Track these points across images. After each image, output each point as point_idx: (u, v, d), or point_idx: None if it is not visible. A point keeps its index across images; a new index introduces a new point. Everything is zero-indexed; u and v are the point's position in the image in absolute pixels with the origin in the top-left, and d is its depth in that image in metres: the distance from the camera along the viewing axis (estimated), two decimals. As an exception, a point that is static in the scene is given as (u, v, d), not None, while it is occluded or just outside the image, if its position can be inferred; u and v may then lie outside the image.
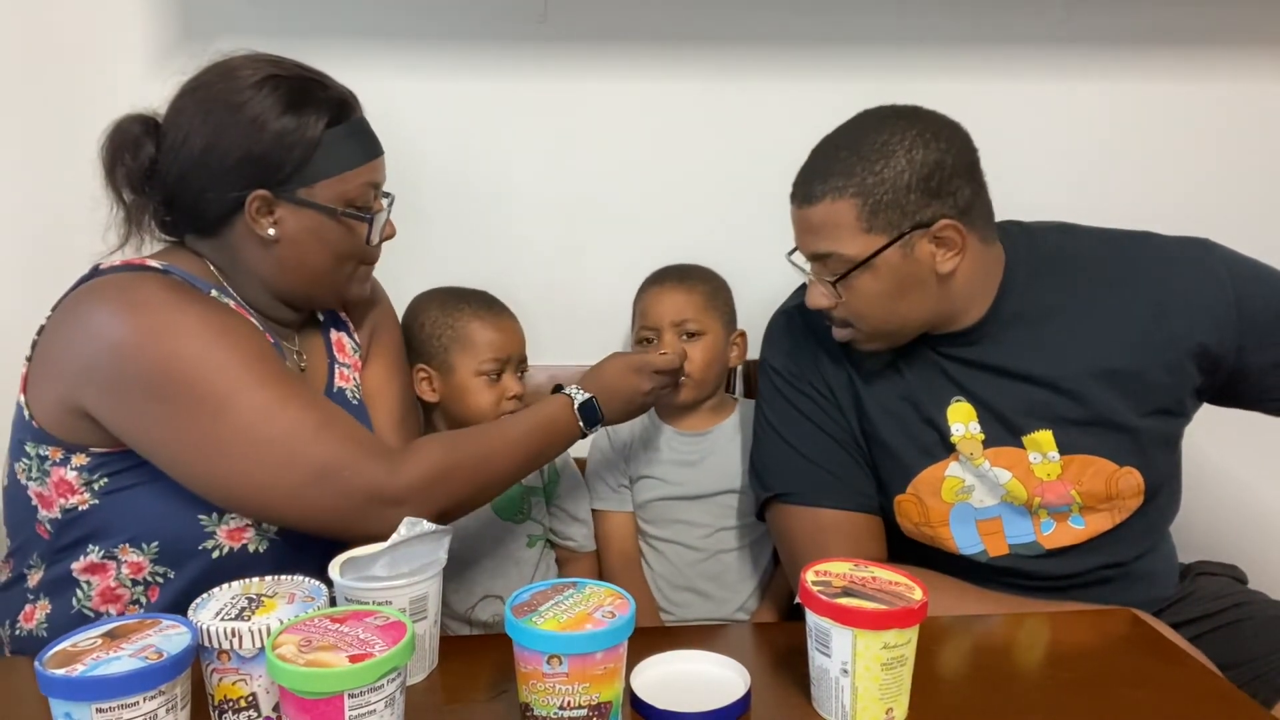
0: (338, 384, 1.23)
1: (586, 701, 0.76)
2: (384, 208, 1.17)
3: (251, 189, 1.06)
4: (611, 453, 1.55)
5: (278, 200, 1.08)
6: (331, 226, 1.11)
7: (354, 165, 1.11)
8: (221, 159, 1.05)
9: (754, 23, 1.64)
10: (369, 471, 1.02)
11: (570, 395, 1.18)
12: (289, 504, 1.03)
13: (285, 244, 1.10)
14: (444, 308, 1.47)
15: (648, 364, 1.24)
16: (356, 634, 0.74)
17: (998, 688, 0.92)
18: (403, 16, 1.61)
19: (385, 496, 1.02)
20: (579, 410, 1.18)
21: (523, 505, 1.49)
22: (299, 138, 1.06)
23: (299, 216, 1.09)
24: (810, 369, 1.25)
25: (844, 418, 1.23)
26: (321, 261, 1.13)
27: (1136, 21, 1.68)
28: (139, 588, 1.07)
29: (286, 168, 1.06)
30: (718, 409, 1.55)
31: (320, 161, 1.08)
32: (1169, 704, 0.87)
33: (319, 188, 1.09)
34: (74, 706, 0.70)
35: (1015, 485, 1.17)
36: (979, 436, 1.17)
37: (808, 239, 1.15)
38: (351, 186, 1.11)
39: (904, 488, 1.20)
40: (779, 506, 1.24)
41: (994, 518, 1.18)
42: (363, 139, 1.13)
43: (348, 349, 1.28)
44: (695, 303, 1.49)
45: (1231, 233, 1.65)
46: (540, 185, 1.68)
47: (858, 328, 1.16)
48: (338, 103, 1.10)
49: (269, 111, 1.05)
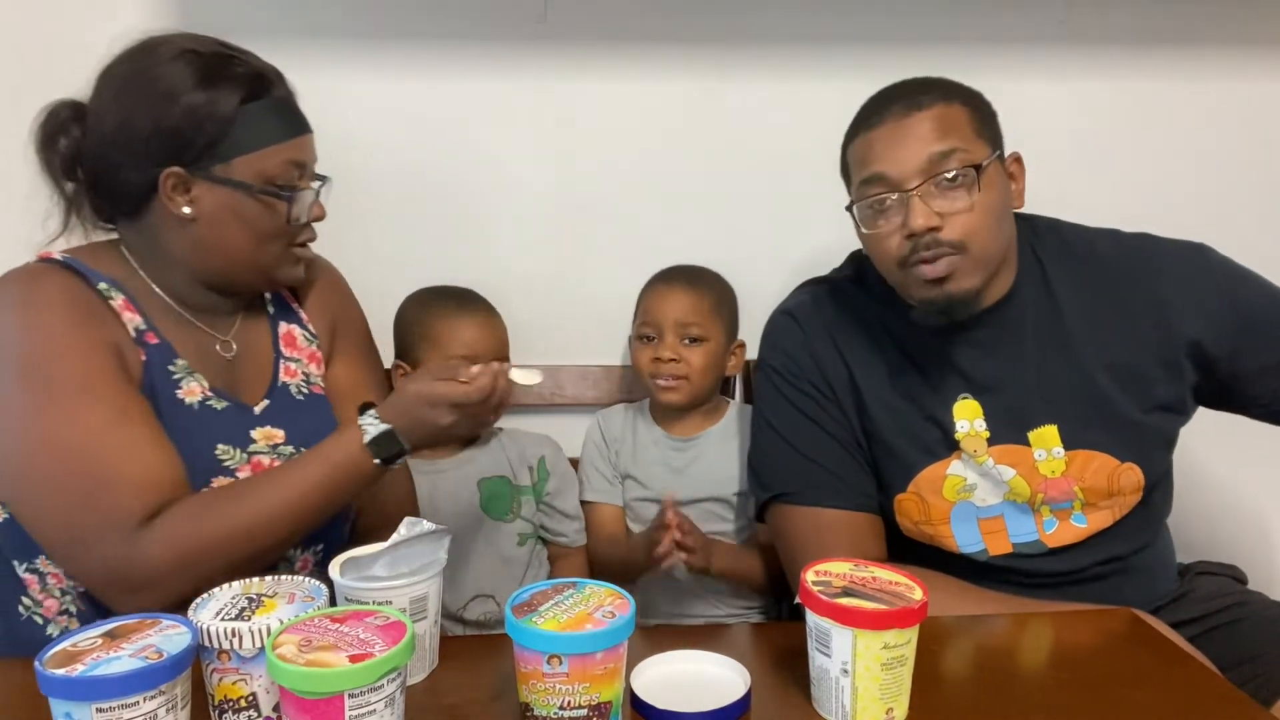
0: (282, 379, 1.18)
1: (586, 701, 0.76)
2: (311, 186, 1.13)
3: (165, 166, 1.03)
4: (604, 446, 1.56)
5: (193, 177, 1.04)
6: (250, 204, 1.07)
7: (272, 142, 1.07)
8: (134, 135, 1.03)
9: (754, 23, 1.64)
10: (109, 549, 0.96)
11: (363, 429, 1.03)
12: (56, 557, 1.03)
13: (203, 223, 1.06)
14: (420, 304, 1.47)
15: (443, 398, 1.04)
16: (356, 634, 0.74)
17: (998, 688, 0.92)
18: (403, 16, 1.61)
19: (121, 581, 0.97)
20: (373, 444, 1.02)
21: (512, 504, 1.48)
22: (212, 111, 1.03)
23: (215, 194, 1.05)
24: (810, 368, 1.25)
25: (845, 416, 1.23)
26: (241, 241, 1.09)
27: (1136, 21, 1.68)
28: (68, 596, 1.07)
29: (199, 143, 1.03)
30: (709, 413, 1.54)
31: (236, 137, 1.04)
32: (1169, 704, 0.87)
33: (236, 164, 1.05)
34: (74, 706, 0.70)
35: (1019, 483, 1.17)
36: (983, 434, 1.17)
37: (919, 144, 1.08)
38: (271, 164, 1.07)
39: (905, 486, 1.20)
40: (778, 507, 1.24)
41: (996, 516, 1.19)
42: (284, 115, 1.09)
43: (299, 342, 1.23)
44: (701, 307, 1.48)
45: (1231, 232, 1.65)
46: (539, 185, 1.68)
47: (967, 249, 1.09)
48: (254, 77, 1.06)
49: (180, 85, 1.02)
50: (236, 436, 1.10)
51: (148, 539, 0.96)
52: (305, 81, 1.58)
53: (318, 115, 1.64)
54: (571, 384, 1.71)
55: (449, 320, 1.43)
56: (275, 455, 1.12)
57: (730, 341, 1.53)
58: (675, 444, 1.53)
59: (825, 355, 1.24)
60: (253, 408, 1.14)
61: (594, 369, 1.70)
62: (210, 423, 1.08)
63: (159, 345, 1.08)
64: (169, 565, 0.96)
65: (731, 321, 1.53)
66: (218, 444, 1.08)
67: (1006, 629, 1.05)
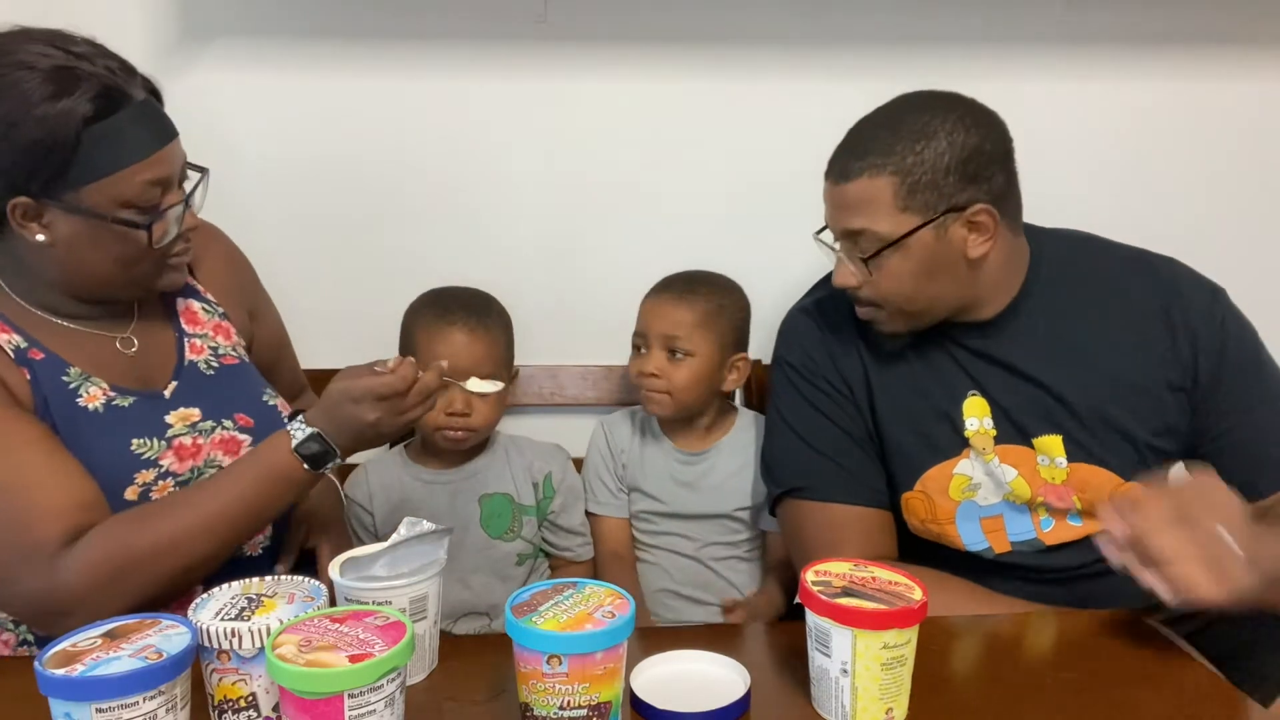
0: (189, 358, 1.15)
1: (586, 701, 0.76)
2: (181, 195, 1.04)
3: (9, 198, 0.96)
4: (609, 457, 1.54)
5: (42, 205, 0.97)
6: (106, 232, 0.99)
7: (126, 164, 0.97)
8: None
9: (754, 23, 1.64)
10: (28, 580, 0.94)
11: (290, 433, 1.01)
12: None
13: (61, 248, 1.00)
14: (413, 309, 1.45)
15: (369, 391, 1.00)
16: (356, 634, 0.74)
17: (998, 688, 0.92)
18: (403, 16, 1.61)
19: (48, 607, 0.95)
20: (300, 448, 1.00)
21: (512, 523, 1.46)
22: (54, 140, 0.94)
23: (69, 222, 0.98)
24: (826, 365, 1.25)
25: (859, 413, 1.23)
26: (103, 266, 1.02)
27: (1136, 21, 1.68)
28: (21, 626, 1.05)
29: (44, 174, 0.95)
30: (716, 425, 1.52)
31: (83, 164, 0.96)
32: (1169, 704, 0.87)
33: (87, 192, 0.97)
34: (74, 706, 0.70)
35: (1020, 484, 1.17)
36: (991, 432, 1.17)
37: (841, 215, 1.14)
38: (126, 188, 0.98)
39: (912, 485, 1.20)
40: (791, 502, 1.24)
41: (996, 515, 1.19)
42: (138, 130, 0.98)
43: (199, 316, 1.19)
44: (689, 321, 1.44)
45: (1231, 232, 1.66)
46: (539, 184, 1.68)
47: (883, 307, 1.16)
48: (101, 91, 0.96)
49: (16, 112, 0.93)
50: (150, 427, 1.07)
51: (66, 563, 0.94)
52: (304, 81, 1.59)
53: (317, 115, 1.65)
54: (572, 384, 1.71)
55: (426, 331, 1.39)
56: (196, 433, 1.09)
57: (726, 354, 1.47)
58: (684, 457, 1.51)
59: (841, 352, 1.25)
60: (163, 392, 1.11)
61: (594, 369, 1.70)
62: (119, 422, 1.05)
63: (46, 360, 1.04)
64: (92, 585, 0.94)
65: (728, 334, 1.47)
66: (131, 440, 1.05)
67: (1007, 629, 1.05)
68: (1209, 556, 0.89)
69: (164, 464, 1.06)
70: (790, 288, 1.42)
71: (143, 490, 1.04)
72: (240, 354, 1.22)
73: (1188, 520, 0.91)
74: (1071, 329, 1.17)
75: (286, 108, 1.61)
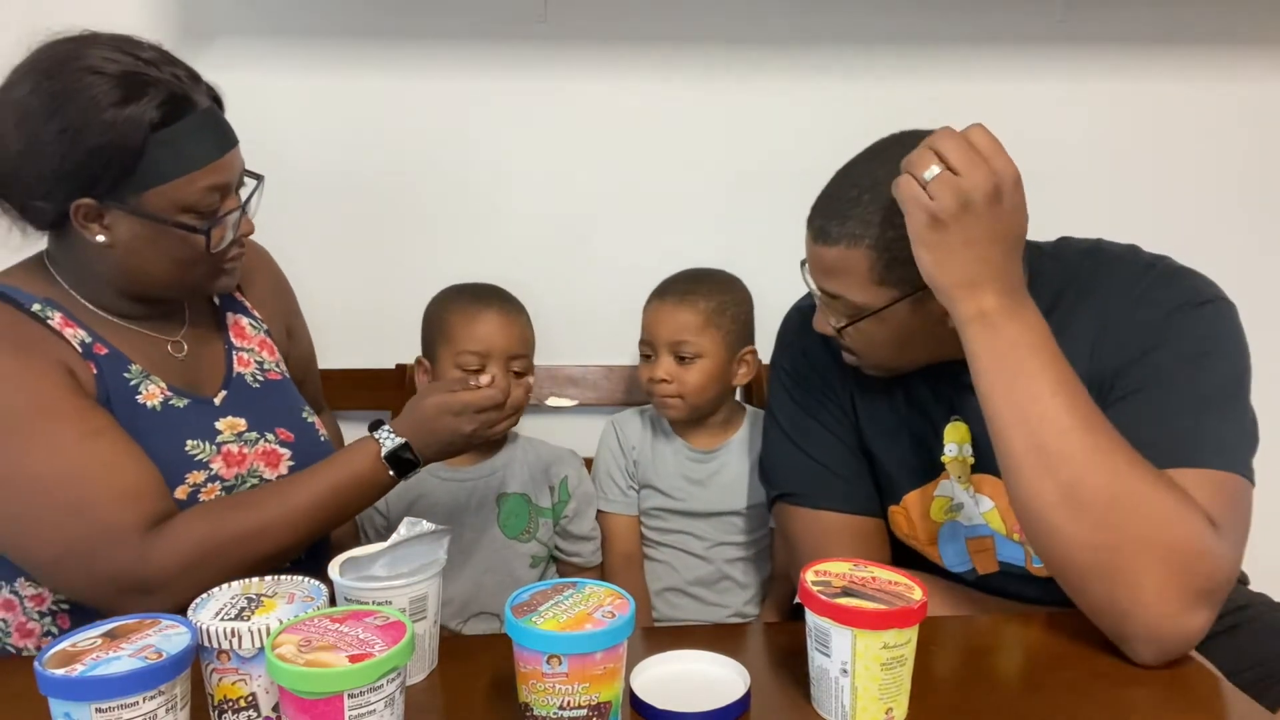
0: (236, 369, 1.19)
1: (586, 701, 0.76)
2: (238, 203, 1.08)
3: (74, 198, 0.99)
4: (620, 455, 1.55)
5: (105, 207, 1.00)
6: (165, 235, 1.02)
7: (188, 170, 1.01)
8: (40, 166, 0.98)
9: (754, 23, 1.64)
10: (116, 556, 0.96)
11: (379, 441, 1.07)
12: (47, 573, 1.02)
13: (120, 250, 1.03)
14: (441, 300, 1.47)
15: (467, 405, 1.08)
16: (356, 634, 0.74)
17: (998, 688, 0.92)
18: (403, 16, 1.61)
19: (132, 583, 0.97)
20: (389, 458, 1.07)
21: (529, 524, 1.47)
22: (121, 144, 0.97)
23: (130, 224, 1.01)
24: (822, 370, 1.23)
25: (851, 421, 1.22)
26: (161, 268, 1.06)
27: (1136, 21, 1.68)
28: (47, 619, 1.06)
29: (108, 177, 0.98)
30: (727, 423, 1.53)
31: (148, 168, 0.99)
32: (1169, 704, 0.87)
33: (149, 196, 1.00)
34: (74, 706, 0.70)
35: (994, 516, 1.13)
36: (969, 460, 1.14)
37: (818, 274, 1.09)
38: (188, 193, 1.01)
39: (896, 500, 1.20)
40: (784, 506, 1.24)
41: (986, 536, 1.16)
42: (201, 137, 1.02)
43: (247, 331, 1.23)
44: (693, 323, 1.45)
45: (1230, 232, 1.66)
46: (539, 185, 1.68)
47: (861, 357, 1.14)
48: (168, 99, 0.99)
49: (85, 117, 0.96)
50: (203, 431, 1.10)
51: (157, 544, 0.97)
52: (304, 81, 1.59)
53: (316, 115, 1.65)
54: (573, 384, 1.71)
55: (463, 314, 1.42)
56: (242, 442, 1.13)
57: (734, 350, 1.49)
58: (696, 455, 1.52)
59: (834, 360, 1.22)
60: (213, 399, 1.14)
61: (595, 369, 1.71)
62: (175, 421, 1.08)
63: (109, 355, 1.06)
64: (183, 566, 0.97)
65: (733, 329, 1.49)
66: (186, 440, 1.08)
67: (1007, 629, 1.05)
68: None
69: (214, 468, 1.09)
70: (790, 287, 1.42)
71: (192, 491, 1.07)
72: (282, 370, 1.26)
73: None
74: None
75: (286, 108, 1.61)
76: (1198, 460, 0.95)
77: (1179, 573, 0.88)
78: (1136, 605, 0.89)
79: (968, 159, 0.93)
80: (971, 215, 0.93)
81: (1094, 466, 0.90)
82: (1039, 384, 0.92)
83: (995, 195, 0.92)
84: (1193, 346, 1.02)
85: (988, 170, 0.92)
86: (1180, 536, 0.89)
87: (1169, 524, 0.89)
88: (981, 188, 0.92)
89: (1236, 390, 1.02)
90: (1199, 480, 0.93)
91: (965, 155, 0.93)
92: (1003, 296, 0.94)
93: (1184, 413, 0.98)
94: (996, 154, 0.93)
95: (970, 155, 0.93)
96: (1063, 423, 0.91)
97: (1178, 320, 1.03)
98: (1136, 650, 0.91)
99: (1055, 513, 0.92)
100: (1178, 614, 0.89)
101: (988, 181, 0.92)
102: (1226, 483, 0.95)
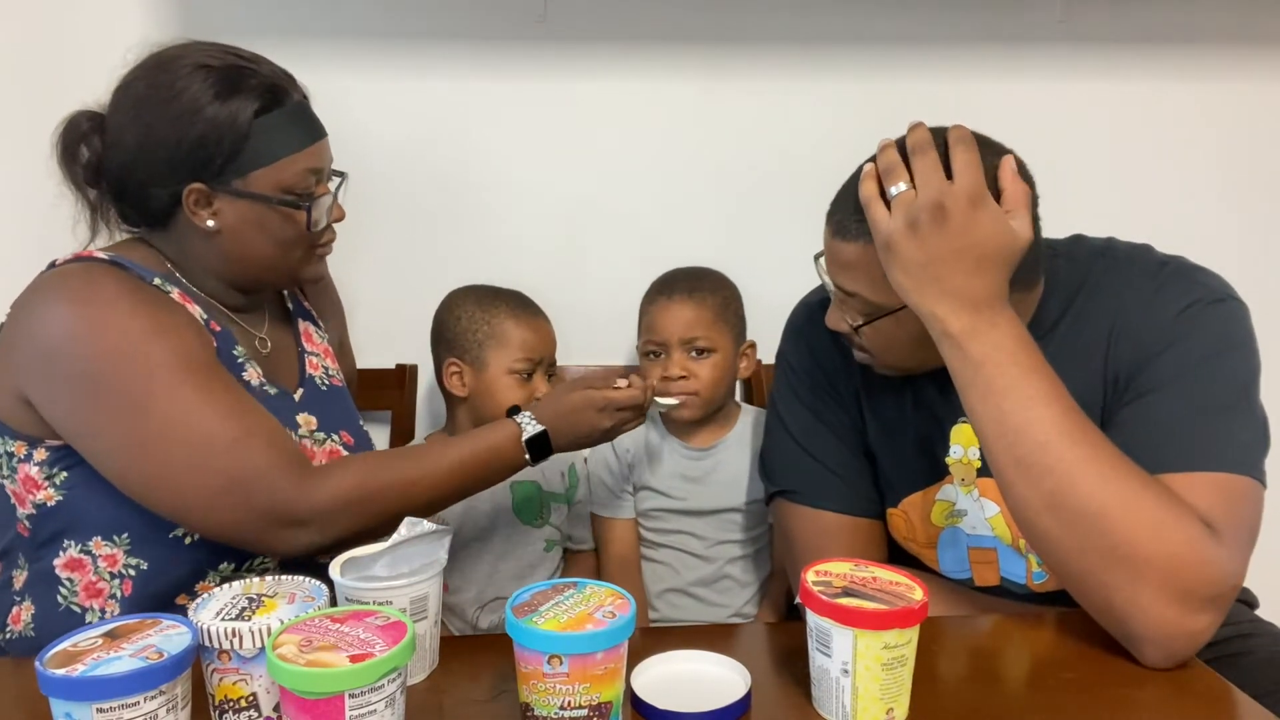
0: (308, 372, 1.24)
1: (587, 702, 0.76)
2: (329, 190, 1.16)
3: (187, 183, 1.06)
4: (614, 459, 1.54)
5: (214, 192, 1.08)
6: (270, 215, 1.10)
7: (288, 152, 1.09)
8: (155, 152, 1.06)
9: (754, 23, 1.64)
10: (278, 488, 1.01)
11: (520, 425, 1.15)
12: (200, 512, 1.03)
13: (227, 235, 1.10)
14: (480, 303, 1.47)
15: (612, 402, 1.18)
16: (357, 634, 0.74)
17: (998, 688, 0.92)
18: (403, 16, 1.61)
19: (290, 516, 1.01)
20: (528, 443, 1.14)
21: (541, 509, 1.49)
22: (228, 129, 1.05)
23: (237, 207, 1.09)
24: (828, 368, 1.22)
25: (856, 420, 1.21)
26: (265, 250, 1.12)
27: (1136, 21, 1.68)
28: (115, 580, 1.07)
29: (218, 160, 1.06)
30: (723, 421, 1.53)
31: (252, 151, 1.07)
32: (1169, 704, 0.87)
33: (254, 177, 1.08)
34: (74, 706, 0.70)
35: (999, 522, 1.12)
36: (975, 463, 1.13)
37: (835, 270, 1.07)
38: (288, 174, 1.09)
39: (896, 503, 1.19)
40: (782, 503, 1.23)
41: (989, 548, 1.15)
42: (299, 124, 1.11)
43: (315, 337, 1.30)
44: (705, 318, 1.45)
45: (1230, 233, 1.66)
46: (539, 185, 1.68)
47: (874, 358, 1.12)
48: (268, 89, 1.08)
49: (197, 102, 1.04)
50: (287, 419, 1.15)
51: (320, 480, 1.03)
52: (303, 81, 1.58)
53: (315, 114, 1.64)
54: (572, 384, 1.71)
55: (518, 321, 1.46)
56: (312, 440, 1.17)
57: (739, 344, 1.50)
58: (692, 454, 1.52)
59: (841, 358, 1.21)
60: (293, 394, 1.20)
61: (595, 369, 1.70)
62: (271, 405, 1.12)
63: (221, 332, 1.13)
64: (340, 505, 1.03)
65: (738, 324, 1.50)
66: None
67: (1006, 629, 1.05)
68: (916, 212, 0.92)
69: None
70: (790, 288, 1.42)
71: None
72: (343, 379, 1.30)
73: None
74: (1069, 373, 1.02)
75: (286, 108, 1.61)
76: (1204, 463, 0.94)
77: (1174, 580, 0.88)
78: (1136, 610, 0.89)
79: (920, 175, 0.93)
80: (919, 237, 0.93)
81: (1077, 477, 0.90)
82: (1011, 400, 0.92)
83: (939, 213, 0.92)
84: (1206, 347, 1.01)
85: (935, 186, 0.92)
86: (1173, 543, 0.88)
87: (1159, 531, 0.88)
88: (924, 207, 0.92)
89: (1248, 391, 1.01)
90: (1202, 484, 0.93)
91: (919, 170, 0.93)
92: (968, 314, 0.93)
93: (1195, 415, 0.98)
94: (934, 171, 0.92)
95: (921, 170, 0.93)
96: (1039, 437, 0.91)
97: (1191, 319, 1.03)
98: (1143, 653, 0.91)
99: (1045, 520, 0.91)
100: (1178, 619, 0.88)
101: (929, 200, 0.92)
102: (1232, 485, 0.94)
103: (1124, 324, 1.05)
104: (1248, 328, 1.04)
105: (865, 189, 0.98)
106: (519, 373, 1.43)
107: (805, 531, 1.20)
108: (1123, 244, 1.14)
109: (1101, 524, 0.89)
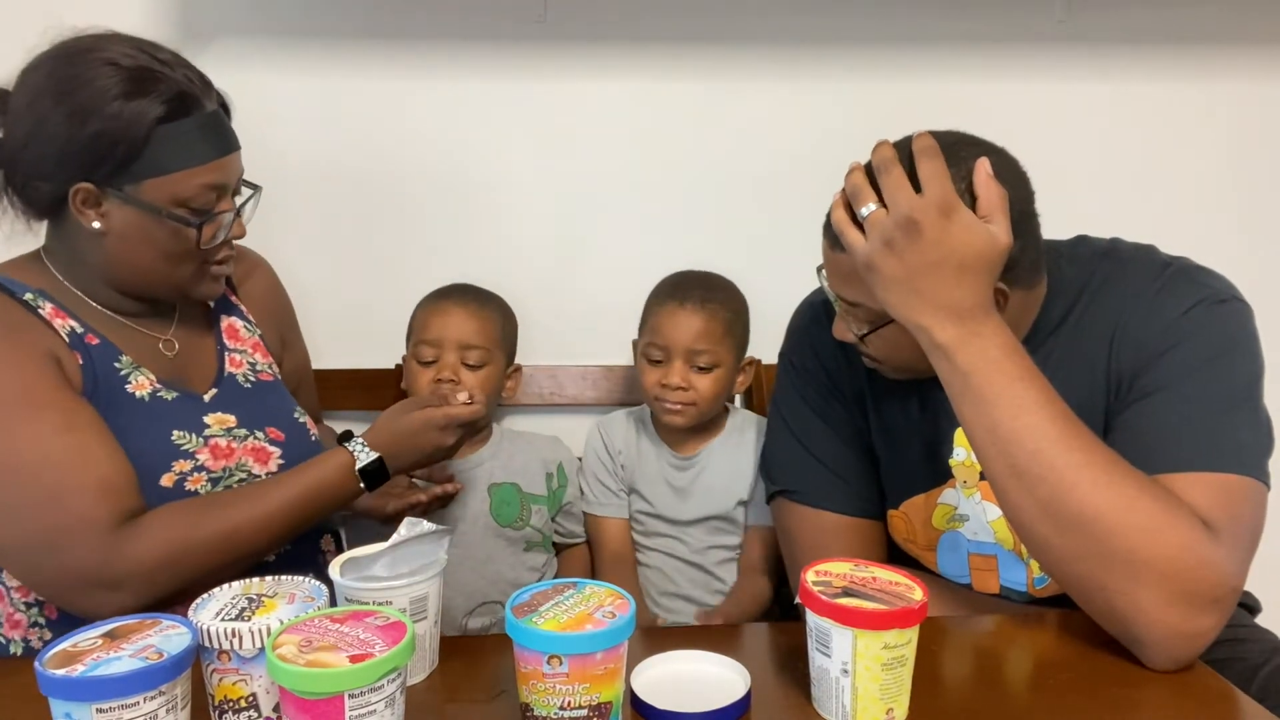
0: (228, 370, 1.20)
1: (587, 702, 0.76)
2: (232, 206, 1.10)
3: (76, 180, 1.02)
4: (608, 459, 1.54)
5: (103, 193, 1.03)
6: (158, 227, 1.05)
7: (188, 165, 1.03)
8: (45, 146, 1.01)
9: (753, 23, 1.64)
10: (86, 551, 0.96)
11: (353, 453, 1.11)
12: (18, 567, 1.02)
13: (113, 239, 1.05)
14: (422, 299, 1.50)
15: (453, 419, 1.15)
16: (357, 634, 0.74)
17: (998, 688, 0.92)
18: (402, 16, 1.61)
19: (102, 580, 0.97)
20: (362, 471, 1.10)
21: (521, 511, 1.48)
22: (125, 132, 1.00)
23: (124, 213, 1.04)
24: (832, 368, 1.22)
25: (858, 421, 1.21)
26: (151, 262, 1.08)
27: (1136, 21, 1.68)
28: (34, 610, 1.06)
29: (110, 162, 1.01)
30: (710, 428, 1.52)
31: (149, 159, 1.02)
32: (1169, 705, 0.87)
33: (147, 186, 1.03)
34: (74, 706, 0.70)
35: (1001, 525, 1.12)
36: (978, 466, 1.08)
37: (836, 280, 1.07)
38: (185, 188, 1.04)
39: (897, 504, 1.19)
40: (783, 501, 1.23)
41: (989, 555, 1.15)
42: (206, 136, 1.05)
43: (241, 333, 1.25)
44: (715, 331, 1.42)
45: (1231, 233, 1.66)
46: (539, 185, 1.68)
47: (884, 364, 1.12)
48: (177, 95, 1.02)
49: (96, 101, 0.99)
50: (190, 423, 1.11)
51: (129, 539, 0.97)
52: (304, 81, 1.59)
53: (316, 115, 1.65)
54: (571, 384, 1.71)
55: (424, 307, 1.47)
56: (230, 437, 1.13)
57: (741, 360, 1.48)
58: (678, 462, 1.51)
59: (844, 359, 1.21)
60: (202, 396, 1.15)
61: (594, 369, 1.70)
62: (162, 412, 1.09)
63: (100, 345, 1.08)
64: (154, 564, 0.98)
65: (743, 339, 1.48)
66: (173, 430, 1.09)
67: (1006, 629, 1.05)
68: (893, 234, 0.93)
69: (200, 458, 1.09)
70: (789, 288, 1.42)
71: (178, 479, 1.07)
72: (274, 372, 1.27)
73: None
74: (1072, 375, 1.05)
75: (285, 108, 1.61)
76: (1205, 463, 0.94)
77: (1173, 582, 0.88)
78: (1138, 614, 0.89)
79: (888, 192, 0.93)
80: (896, 253, 0.93)
81: (1070, 483, 0.89)
82: (1001, 409, 0.92)
83: (911, 227, 0.92)
84: (1209, 347, 1.01)
85: (904, 202, 0.92)
86: (1170, 545, 0.88)
87: (1156, 534, 0.88)
88: (896, 223, 0.92)
89: (1252, 392, 1.01)
90: (1203, 484, 0.93)
91: (886, 187, 0.93)
92: (953, 325, 0.93)
93: (1199, 415, 0.98)
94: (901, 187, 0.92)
95: (889, 187, 0.93)
96: (1030, 444, 0.91)
97: (1195, 320, 1.03)
98: (1146, 656, 0.91)
99: (1042, 528, 0.91)
100: (1180, 622, 0.88)
101: (900, 216, 0.92)
102: (1233, 485, 0.94)
103: (1127, 324, 1.05)
104: (1251, 329, 1.04)
105: (836, 216, 0.99)
106: (420, 359, 1.42)
107: (805, 530, 1.20)
108: (1127, 245, 1.14)
109: (1098, 528, 0.89)
